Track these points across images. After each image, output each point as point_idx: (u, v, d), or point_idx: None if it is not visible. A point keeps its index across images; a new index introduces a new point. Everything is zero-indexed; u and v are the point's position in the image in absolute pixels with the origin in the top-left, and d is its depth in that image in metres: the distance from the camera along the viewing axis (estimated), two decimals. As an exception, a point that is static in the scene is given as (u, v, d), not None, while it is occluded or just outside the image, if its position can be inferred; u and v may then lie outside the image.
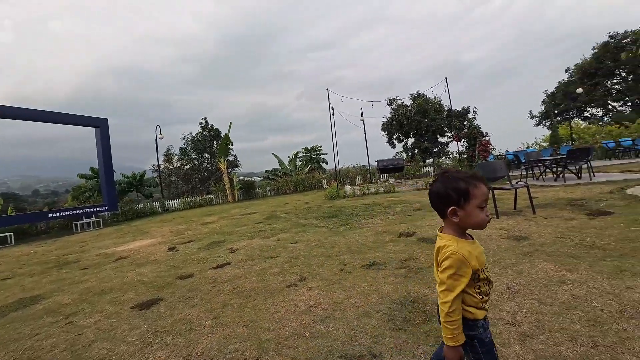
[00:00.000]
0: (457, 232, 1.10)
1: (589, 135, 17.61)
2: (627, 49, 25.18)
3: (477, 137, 10.03)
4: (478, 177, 1.10)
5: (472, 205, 1.05)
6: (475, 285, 1.06)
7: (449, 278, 1.03)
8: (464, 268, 1.03)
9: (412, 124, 24.44)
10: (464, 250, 1.04)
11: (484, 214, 1.06)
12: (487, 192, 1.08)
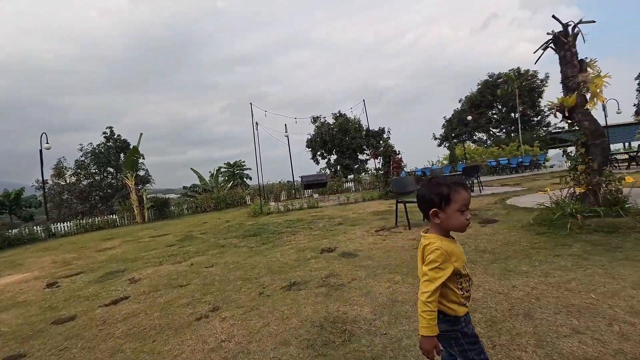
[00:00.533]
0: (440, 233, 1.18)
1: (477, 155, 21.01)
2: (501, 87, 31.19)
3: (391, 155, 10.97)
4: (460, 183, 1.18)
5: (452, 209, 1.13)
6: (458, 281, 1.14)
7: (431, 270, 1.11)
8: (446, 263, 1.10)
9: (335, 141, 25.65)
10: (447, 247, 1.13)
11: (463, 217, 1.14)
12: (468, 197, 1.15)
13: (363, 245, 4.35)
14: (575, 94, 4.16)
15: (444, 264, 1.10)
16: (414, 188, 5.44)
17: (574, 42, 4.25)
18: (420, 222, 5.40)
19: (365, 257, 3.76)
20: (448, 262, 1.11)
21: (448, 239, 1.18)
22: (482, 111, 34.05)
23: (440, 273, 1.10)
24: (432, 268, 1.11)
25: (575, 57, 4.25)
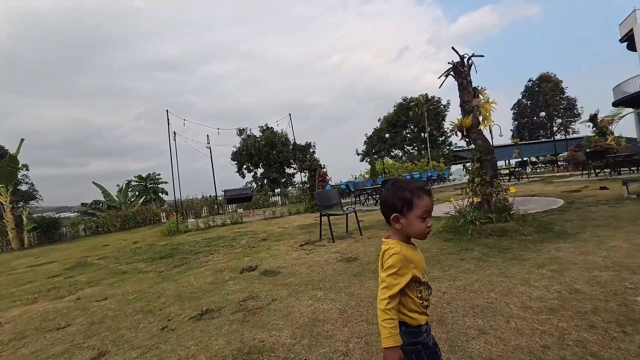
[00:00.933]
0: (401, 239, 1.13)
1: (394, 170, 22.96)
2: (412, 110, 35.01)
3: (317, 168, 11.14)
4: (424, 189, 1.13)
5: (414, 215, 1.08)
6: (417, 289, 1.10)
7: (388, 276, 1.05)
8: (404, 269, 1.05)
9: (262, 154, 25.22)
10: (406, 252, 1.08)
11: (424, 224, 1.09)
12: (430, 204, 1.11)
13: (286, 261, 4.16)
14: (471, 116, 4.77)
15: (402, 270, 1.05)
16: (337, 201, 5.52)
17: (469, 72, 4.91)
18: (344, 235, 5.47)
19: (288, 274, 3.57)
20: (407, 268, 1.06)
21: (408, 245, 1.14)
22: (398, 130, 37.64)
23: (399, 279, 1.05)
24: (390, 274, 1.06)
25: (470, 85, 4.90)
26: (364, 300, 2.52)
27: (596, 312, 1.91)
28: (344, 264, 3.68)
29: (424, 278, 1.12)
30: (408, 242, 1.14)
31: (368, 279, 3.03)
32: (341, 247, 4.52)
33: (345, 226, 5.78)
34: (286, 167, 26.61)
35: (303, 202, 12.99)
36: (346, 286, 2.90)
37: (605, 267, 2.56)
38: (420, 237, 1.12)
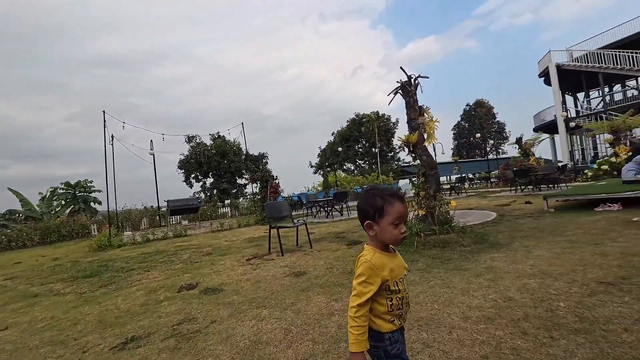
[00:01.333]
0: (377, 245, 1.13)
1: (346, 183, 23.47)
2: (364, 125, 36.43)
3: (269, 179, 10.90)
4: (397, 195, 1.12)
5: (386, 222, 1.08)
6: (387, 297, 1.09)
7: (359, 284, 1.07)
8: (374, 277, 1.05)
9: (212, 163, 24.12)
10: (377, 260, 1.08)
11: (397, 230, 1.09)
12: (402, 210, 1.09)
13: (231, 277, 3.89)
14: (417, 133, 5.02)
15: (371, 278, 1.06)
16: (287, 213, 5.38)
17: (415, 91, 5.20)
18: (294, 248, 5.33)
19: (231, 291, 3.32)
20: (376, 276, 1.06)
21: (385, 252, 1.14)
22: (351, 145, 38.81)
23: (369, 287, 1.06)
24: (359, 282, 1.08)
25: (416, 103, 5.18)
26: (310, 318, 2.40)
27: (527, 318, 2.02)
28: (292, 278, 3.53)
29: (395, 286, 1.10)
30: (386, 248, 1.15)
31: (316, 294, 2.92)
32: (290, 261, 4.36)
33: (296, 239, 5.64)
34: (238, 177, 25.74)
35: (254, 214, 12.58)
36: (293, 303, 2.75)
37: (532, 275, 2.77)
38: (394, 243, 1.12)
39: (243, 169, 23.66)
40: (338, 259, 4.19)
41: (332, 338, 2.06)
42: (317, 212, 11.07)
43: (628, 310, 1.98)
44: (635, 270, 2.62)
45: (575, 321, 1.93)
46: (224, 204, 19.86)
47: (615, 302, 2.10)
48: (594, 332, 1.78)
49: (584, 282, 2.49)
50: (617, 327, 1.81)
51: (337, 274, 3.51)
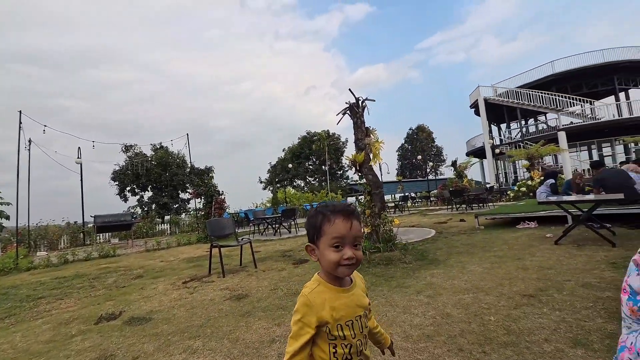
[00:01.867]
0: (324, 275, 0.93)
1: (296, 199, 23.36)
2: (315, 143, 37.05)
3: (214, 194, 10.35)
4: (341, 210, 0.90)
5: (324, 244, 0.89)
6: (331, 342, 0.86)
7: (294, 324, 0.88)
8: (308, 316, 0.85)
9: (152, 176, 22.33)
10: (316, 295, 0.88)
11: (338, 255, 0.86)
12: (344, 229, 0.87)
13: (163, 303, 3.50)
14: (363, 153, 5.18)
15: (305, 317, 0.86)
16: (231, 231, 5.09)
17: (363, 113, 5.40)
18: (237, 268, 5.03)
19: (162, 320, 2.96)
20: (311, 315, 0.85)
21: (333, 284, 0.92)
22: (301, 161, 39.07)
23: (304, 329, 0.85)
24: (294, 321, 0.88)
25: (364, 124, 5.38)
26: (249, 347, 2.21)
27: (463, 334, 2.09)
28: (233, 302, 3.28)
29: (339, 331, 0.87)
30: (336, 280, 0.92)
31: (257, 319, 2.73)
32: (232, 283, 4.08)
33: (240, 258, 5.34)
34: (181, 191, 24.14)
35: (196, 231, 11.77)
36: (231, 330, 2.53)
37: (467, 290, 2.93)
38: (334, 272, 0.89)
39: (187, 183, 22.29)
40: (283, 279, 4.03)
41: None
42: (265, 230, 10.74)
43: (547, 321, 2.15)
44: (550, 283, 2.91)
45: (504, 334, 2.04)
46: (163, 220, 18.35)
47: (536, 314, 2.28)
48: (520, 345, 1.89)
49: (510, 295, 2.69)
50: (538, 337, 1.95)
51: (281, 295, 3.35)
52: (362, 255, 0.91)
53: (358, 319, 0.91)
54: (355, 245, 0.89)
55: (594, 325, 2.04)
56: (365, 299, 0.96)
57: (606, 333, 1.92)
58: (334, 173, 38.20)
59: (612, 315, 2.15)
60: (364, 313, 0.94)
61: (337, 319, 0.87)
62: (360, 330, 0.91)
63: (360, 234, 0.91)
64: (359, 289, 0.97)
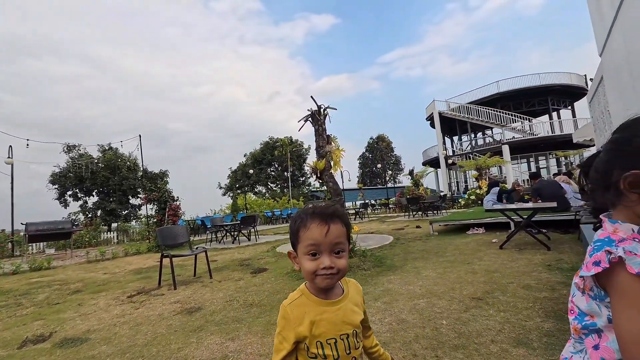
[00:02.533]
0: (309, 286, 0.85)
1: (256, 206, 22.85)
2: (278, 149, 36.76)
3: (168, 200, 9.76)
4: (319, 213, 0.81)
5: (300, 251, 0.81)
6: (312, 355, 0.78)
7: (275, 336, 0.82)
8: (287, 330, 0.78)
9: (98, 179, 20.57)
10: (295, 307, 0.81)
11: (313, 264, 0.78)
12: (318, 235, 0.78)
13: (103, 321, 3.17)
14: (324, 160, 5.21)
15: (284, 331, 0.79)
16: (185, 239, 4.80)
17: (324, 120, 5.44)
18: (191, 279, 4.74)
19: (100, 340, 2.67)
20: (289, 329, 0.78)
21: (317, 296, 0.83)
22: (263, 167, 38.48)
23: (283, 344, 0.78)
24: (276, 333, 0.81)
25: (325, 132, 5.41)
26: (199, 365, 2.06)
27: (417, 339, 2.13)
28: (184, 316, 3.07)
29: (319, 349, 0.78)
30: (319, 291, 0.83)
31: (210, 334, 2.57)
32: (184, 295, 3.83)
33: (194, 269, 5.05)
34: (131, 196, 22.50)
35: (147, 240, 10.98)
36: (179, 348, 2.35)
37: (421, 295, 3.02)
38: (313, 282, 0.81)
39: (139, 188, 20.85)
40: (240, 289, 3.87)
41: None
42: (223, 237, 10.33)
43: (493, 323, 2.28)
44: (496, 285, 3.10)
45: (455, 337, 2.11)
46: (109, 227, 16.92)
47: (483, 316, 2.41)
48: (469, 347, 1.97)
49: (461, 299, 2.82)
50: (486, 339, 2.05)
51: (237, 307, 3.20)
52: (344, 264, 0.81)
53: (344, 339, 0.80)
54: (338, 252, 0.80)
55: (533, 324, 2.19)
56: (356, 316, 0.85)
57: (544, 331, 2.07)
58: (296, 180, 38.12)
59: (548, 314, 2.33)
60: (353, 332, 0.82)
61: (316, 336, 0.79)
62: (347, 351, 0.80)
63: (342, 239, 0.81)
64: (350, 303, 0.86)
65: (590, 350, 0.62)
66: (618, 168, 0.61)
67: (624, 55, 4.81)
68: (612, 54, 5.65)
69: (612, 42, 5.35)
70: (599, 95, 8.45)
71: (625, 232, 0.60)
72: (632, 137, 0.61)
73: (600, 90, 8.09)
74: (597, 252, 0.60)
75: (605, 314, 0.60)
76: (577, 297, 0.68)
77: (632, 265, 0.55)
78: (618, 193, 0.62)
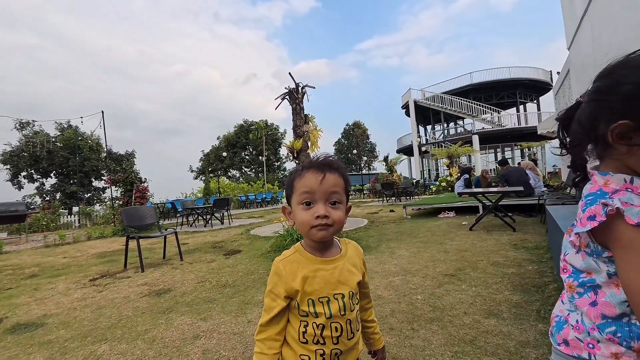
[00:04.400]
0: (307, 243, 0.79)
1: (230, 190, 22.35)
2: (252, 132, 35.91)
3: (135, 182, 9.24)
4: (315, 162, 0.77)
5: (295, 202, 0.77)
6: (302, 319, 0.74)
7: (265, 296, 0.77)
8: (278, 286, 0.74)
9: (56, 160, 19.13)
10: (288, 263, 0.76)
11: (307, 213, 0.73)
12: (313, 182, 0.73)
13: (62, 305, 2.94)
14: (302, 140, 5.09)
15: (276, 287, 0.75)
16: (153, 220, 4.55)
17: (302, 99, 5.30)
18: (160, 262, 4.54)
19: (58, 324, 2.48)
20: (280, 285, 0.74)
21: (314, 253, 0.78)
22: (237, 151, 37.55)
23: (276, 301, 0.74)
24: (265, 293, 0.77)
25: (303, 111, 5.28)
26: (168, 346, 1.96)
27: (393, 314, 2.15)
28: (152, 298, 2.92)
29: (311, 307, 0.74)
30: (318, 248, 0.78)
31: (180, 314, 2.45)
32: (152, 278, 3.65)
33: (163, 251, 4.83)
34: (94, 179, 21.21)
35: (112, 224, 10.41)
36: (147, 330, 2.22)
37: (396, 273, 3.06)
38: (308, 235, 0.76)
39: (103, 169, 19.66)
40: (212, 271, 3.74)
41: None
42: (195, 221, 10.01)
43: (465, 296, 2.34)
44: (467, 263, 3.21)
45: (429, 311, 2.15)
46: (70, 211, 15.89)
47: (456, 290, 2.47)
48: (444, 319, 2.01)
49: (434, 276, 2.88)
50: (459, 311, 2.10)
51: (210, 288, 3.09)
52: (341, 215, 0.75)
53: (339, 298, 0.76)
54: (334, 203, 0.75)
55: (502, 297, 2.27)
56: (353, 277, 0.80)
57: (512, 303, 2.16)
58: (271, 164, 37.62)
59: (516, 288, 2.43)
60: (349, 293, 0.77)
61: (308, 292, 0.74)
62: (341, 312, 0.75)
63: (339, 189, 0.76)
64: (347, 263, 0.81)
65: (587, 308, 0.60)
66: (604, 119, 0.57)
67: (590, 49, 5.03)
68: (579, 48, 5.90)
69: (581, 35, 5.57)
70: (564, 88, 8.89)
71: (618, 183, 0.57)
72: (616, 85, 0.56)
73: (566, 83, 8.50)
74: (591, 205, 0.56)
75: (605, 269, 0.57)
76: (570, 256, 0.64)
77: (631, 216, 0.52)
78: (606, 146, 0.58)
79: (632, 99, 0.54)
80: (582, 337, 0.60)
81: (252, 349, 1.82)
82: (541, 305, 2.09)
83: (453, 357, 1.60)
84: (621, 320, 0.56)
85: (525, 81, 23.66)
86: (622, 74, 0.56)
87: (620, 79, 0.56)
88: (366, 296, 0.92)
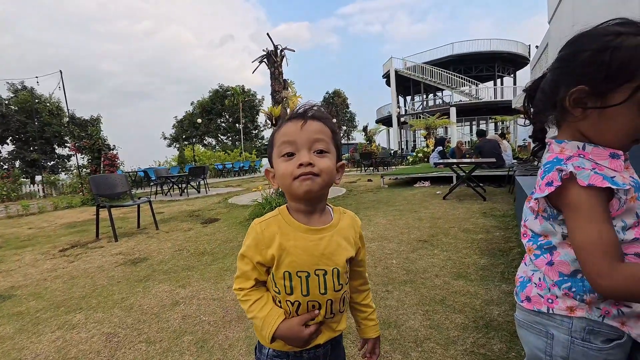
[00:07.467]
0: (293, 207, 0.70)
1: (206, 158, 21.77)
2: (229, 98, 34.46)
3: (103, 149, 8.74)
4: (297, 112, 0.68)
5: (275, 157, 0.67)
6: (277, 288, 0.67)
7: (238, 259, 0.70)
8: (251, 251, 0.66)
9: (11, 125, 17.64)
10: (266, 226, 0.67)
11: (289, 164, 0.63)
12: (293, 129, 0.64)
13: (30, 276, 2.84)
14: (280, 106, 4.94)
15: (249, 251, 0.67)
16: (125, 189, 4.36)
17: (281, 63, 5.06)
18: (134, 231, 4.43)
19: (28, 295, 2.40)
20: (254, 250, 0.66)
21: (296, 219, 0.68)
22: (212, 118, 36.15)
23: (246, 264, 0.68)
24: (239, 254, 0.70)
25: (281, 76, 5.07)
26: (147, 313, 1.95)
27: (370, 277, 2.21)
28: (127, 267, 2.87)
29: (286, 281, 0.65)
30: (304, 212, 0.68)
31: (157, 282, 2.44)
32: (127, 247, 3.57)
33: (137, 220, 4.70)
34: (57, 145, 19.89)
35: (80, 193, 9.95)
36: (123, 298, 2.20)
37: (373, 239, 3.16)
38: (290, 189, 0.64)
39: (65, 135, 18.42)
40: (190, 239, 3.71)
41: (174, 332, 1.72)
42: (170, 190, 9.75)
43: (437, 260, 2.47)
44: (439, 230, 3.36)
45: (403, 274, 2.26)
46: (32, 180, 14.97)
47: (429, 255, 2.60)
48: (417, 281, 2.12)
49: (409, 242, 3.00)
50: (431, 274, 2.22)
51: (187, 256, 3.07)
52: (329, 164, 0.65)
53: (320, 275, 0.66)
54: (320, 152, 0.64)
55: (471, 260, 2.42)
56: (342, 252, 0.69)
57: (480, 266, 2.30)
58: (248, 132, 36.71)
59: (484, 252, 2.59)
60: (333, 270, 0.67)
61: (285, 264, 0.65)
62: (321, 290, 0.66)
63: (324, 137, 0.66)
64: (337, 235, 0.69)
65: (544, 267, 0.64)
66: (564, 85, 0.59)
67: (570, 24, 5.06)
68: (560, 22, 5.92)
69: (562, 9, 5.57)
70: (541, 62, 9.02)
71: (572, 150, 0.61)
72: (577, 52, 0.59)
73: (544, 57, 8.61)
74: (548, 173, 0.59)
75: (560, 231, 0.62)
76: (529, 221, 0.68)
77: (582, 179, 0.55)
78: (564, 111, 0.61)
79: (588, 65, 0.56)
80: (543, 294, 0.64)
81: (232, 312, 1.86)
82: (505, 267, 2.24)
83: (424, 315, 1.71)
84: (576, 277, 0.60)
85: (504, 54, 23.82)
86: (582, 42, 0.59)
87: (580, 47, 0.58)
88: (361, 276, 0.81)
